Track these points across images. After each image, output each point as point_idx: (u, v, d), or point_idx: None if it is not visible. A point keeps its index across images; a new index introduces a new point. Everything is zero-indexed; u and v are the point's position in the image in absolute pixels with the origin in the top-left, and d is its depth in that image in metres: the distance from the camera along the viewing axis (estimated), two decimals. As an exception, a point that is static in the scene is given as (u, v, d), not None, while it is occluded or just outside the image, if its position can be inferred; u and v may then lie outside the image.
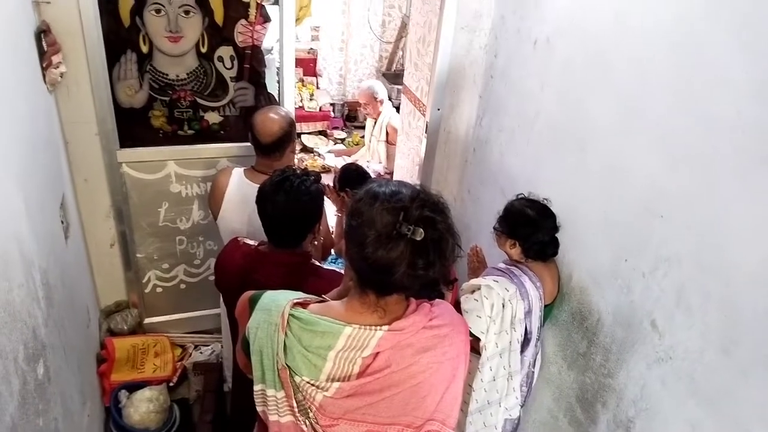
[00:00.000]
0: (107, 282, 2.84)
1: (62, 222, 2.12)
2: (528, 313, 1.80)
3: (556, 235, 1.87)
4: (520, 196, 1.95)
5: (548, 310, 1.93)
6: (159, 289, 2.96)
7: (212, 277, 1.89)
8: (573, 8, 1.85)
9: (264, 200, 1.70)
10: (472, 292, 1.80)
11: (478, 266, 2.12)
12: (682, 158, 1.39)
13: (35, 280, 1.62)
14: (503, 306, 1.74)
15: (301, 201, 1.68)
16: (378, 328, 1.10)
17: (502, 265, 1.91)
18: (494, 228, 1.91)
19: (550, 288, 1.89)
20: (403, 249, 1.02)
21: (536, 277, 1.84)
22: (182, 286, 3.00)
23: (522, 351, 1.83)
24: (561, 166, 1.93)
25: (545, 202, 1.90)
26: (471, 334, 1.73)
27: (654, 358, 1.50)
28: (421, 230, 1.01)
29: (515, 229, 1.85)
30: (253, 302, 1.20)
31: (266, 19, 2.55)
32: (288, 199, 1.66)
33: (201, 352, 2.96)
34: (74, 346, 2.07)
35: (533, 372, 1.97)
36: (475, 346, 1.80)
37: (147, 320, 2.99)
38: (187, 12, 2.40)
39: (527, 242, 1.83)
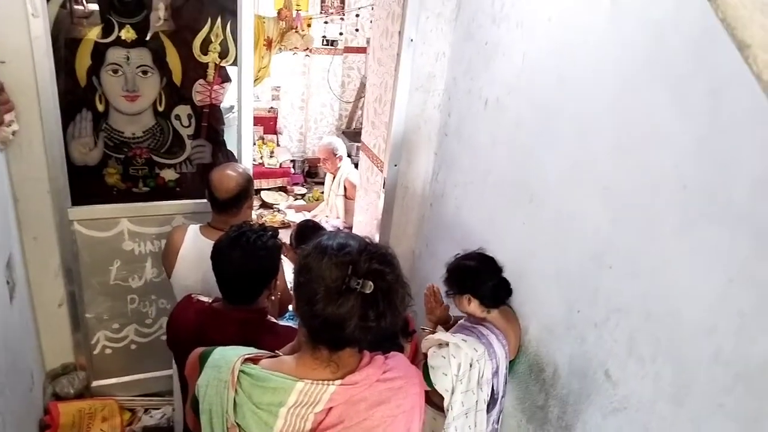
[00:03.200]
0: (54, 343, 2.71)
1: (8, 282, 2.04)
2: (495, 372, 1.80)
3: (506, 277, 1.90)
4: (456, 256, 1.99)
5: (510, 364, 1.93)
6: (108, 350, 2.84)
7: (164, 337, 1.83)
8: (520, 71, 1.95)
9: (219, 256, 1.67)
10: (439, 346, 1.79)
11: (436, 306, 2.12)
12: (625, 210, 1.45)
13: (-26, 343, 1.55)
14: (471, 366, 1.73)
15: (257, 256, 1.66)
16: (330, 382, 1.08)
17: (467, 323, 1.92)
18: (446, 293, 1.94)
19: (514, 344, 1.91)
20: (354, 303, 1.02)
21: (502, 335, 1.85)
22: (133, 346, 2.89)
23: (488, 410, 1.82)
24: (513, 219, 1.97)
25: (480, 250, 1.95)
26: (436, 392, 1.72)
27: (609, 408, 1.50)
28: (371, 283, 1.01)
29: (463, 284, 1.88)
30: (203, 359, 1.17)
31: (225, 79, 2.59)
32: (244, 255, 1.64)
33: (151, 416, 2.83)
34: (15, 411, 1.96)
35: (496, 429, 1.95)
36: (440, 404, 1.78)
37: (95, 383, 2.86)
38: (144, 72, 2.42)
39: (478, 292, 1.85)
